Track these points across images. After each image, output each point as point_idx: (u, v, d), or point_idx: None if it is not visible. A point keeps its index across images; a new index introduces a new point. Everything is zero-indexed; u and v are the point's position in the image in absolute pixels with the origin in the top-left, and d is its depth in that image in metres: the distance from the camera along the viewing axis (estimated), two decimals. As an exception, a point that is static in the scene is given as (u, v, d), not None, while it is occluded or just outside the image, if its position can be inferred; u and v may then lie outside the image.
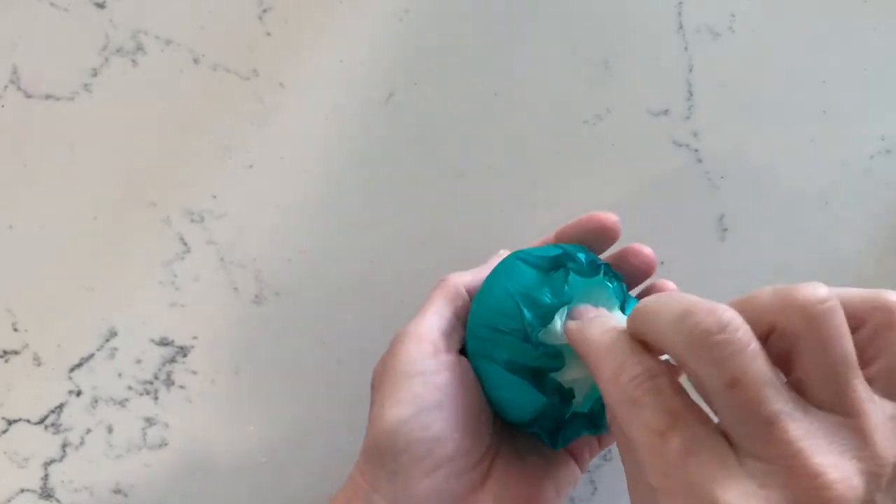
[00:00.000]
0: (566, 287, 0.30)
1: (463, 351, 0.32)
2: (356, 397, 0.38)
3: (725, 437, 0.21)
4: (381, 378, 0.30)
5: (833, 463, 0.20)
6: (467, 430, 0.29)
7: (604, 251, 0.33)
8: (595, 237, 0.32)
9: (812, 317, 0.21)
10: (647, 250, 0.32)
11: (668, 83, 0.40)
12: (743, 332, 0.21)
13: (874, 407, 0.21)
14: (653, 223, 0.39)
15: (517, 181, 0.39)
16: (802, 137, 0.40)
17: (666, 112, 0.40)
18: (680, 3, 0.40)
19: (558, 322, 0.30)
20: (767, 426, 0.20)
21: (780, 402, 0.20)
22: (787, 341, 0.22)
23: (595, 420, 0.31)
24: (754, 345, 0.21)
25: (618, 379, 0.23)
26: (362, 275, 0.38)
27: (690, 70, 0.40)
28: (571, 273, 0.30)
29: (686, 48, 0.40)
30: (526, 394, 0.30)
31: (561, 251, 0.31)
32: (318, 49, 0.39)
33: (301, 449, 0.38)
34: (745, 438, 0.21)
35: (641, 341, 0.24)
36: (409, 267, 0.39)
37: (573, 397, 0.30)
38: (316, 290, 0.38)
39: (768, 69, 0.40)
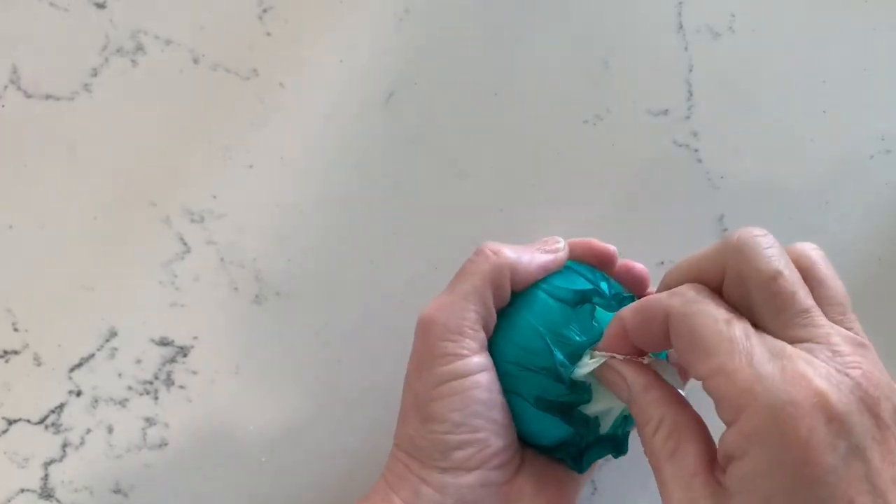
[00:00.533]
0: (594, 323, 0.30)
1: None
2: (356, 397, 0.38)
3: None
4: (425, 373, 0.30)
5: (855, 351, 0.24)
6: (508, 427, 0.31)
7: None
8: (594, 263, 0.34)
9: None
10: (639, 266, 0.34)
11: (668, 83, 0.40)
12: (774, 239, 0.25)
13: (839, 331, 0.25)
14: (653, 223, 0.39)
15: (517, 181, 0.39)
16: (802, 137, 0.40)
17: (666, 112, 0.40)
18: (680, 3, 0.40)
19: (586, 358, 0.30)
20: (805, 313, 0.24)
21: (810, 299, 0.25)
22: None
23: (618, 443, 0.32)
24: (784, 252, 0.25)
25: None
26: (362, 275, 0.38)
27: (690, 70, 0.40)
28: (598, 308, 0.30)
29: (686, 48, 0.40)
30: (553, 426, 0.30)
31: (586, 284, 0.31)
32: (318, 49, 0.39)
33: (301, 449, 0.38)
34: (783, 327, 0.24)
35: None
36: (409, 267, 0.38)
37: (598, 426, 0.31)
38: (316, 290, 0.38)
39: (768, 69, 0.40)
